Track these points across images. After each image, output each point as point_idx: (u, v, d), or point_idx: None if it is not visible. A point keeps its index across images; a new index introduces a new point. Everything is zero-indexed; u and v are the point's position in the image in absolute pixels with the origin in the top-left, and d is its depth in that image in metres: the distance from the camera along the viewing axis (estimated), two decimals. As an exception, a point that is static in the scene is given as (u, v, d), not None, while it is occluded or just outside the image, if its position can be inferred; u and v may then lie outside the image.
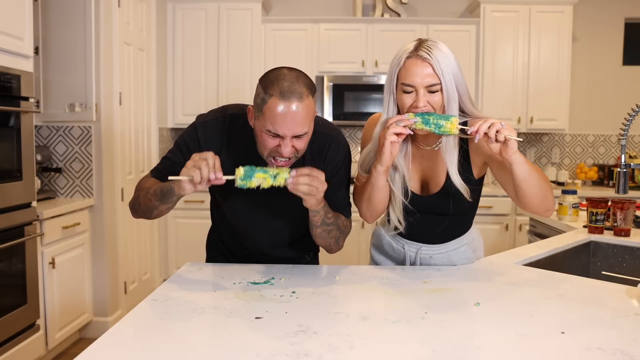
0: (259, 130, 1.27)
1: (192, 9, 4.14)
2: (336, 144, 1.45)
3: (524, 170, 1.27)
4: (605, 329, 1.04)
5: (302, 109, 1.22)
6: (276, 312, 1.12)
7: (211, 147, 1.40)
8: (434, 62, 1.28)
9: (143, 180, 1.46)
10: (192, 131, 1.43)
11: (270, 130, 1.23)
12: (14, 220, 2.36)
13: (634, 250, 1.94)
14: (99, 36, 2.99)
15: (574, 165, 4.61)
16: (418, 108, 1.29)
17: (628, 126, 1.69)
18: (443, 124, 1.25)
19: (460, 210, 1.48)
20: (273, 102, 1.21)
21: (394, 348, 0.95)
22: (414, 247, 1.58)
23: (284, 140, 1.24)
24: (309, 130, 1.28)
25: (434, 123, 1.26)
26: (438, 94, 1.30)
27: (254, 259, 1.57)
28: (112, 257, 3.17)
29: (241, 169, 1.22)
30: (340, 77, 4.17)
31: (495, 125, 1.22)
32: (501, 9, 4.14)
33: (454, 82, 1.30)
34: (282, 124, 1.21)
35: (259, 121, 1.26)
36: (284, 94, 1.20)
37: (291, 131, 1.23)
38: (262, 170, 1.22)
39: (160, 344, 0.97)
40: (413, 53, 1.30)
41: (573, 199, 2.36)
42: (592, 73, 4.53)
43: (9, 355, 2.31)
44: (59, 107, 2.99)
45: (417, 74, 1.28)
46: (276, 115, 1.21)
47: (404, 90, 1.31)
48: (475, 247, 1.62)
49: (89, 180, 3.08)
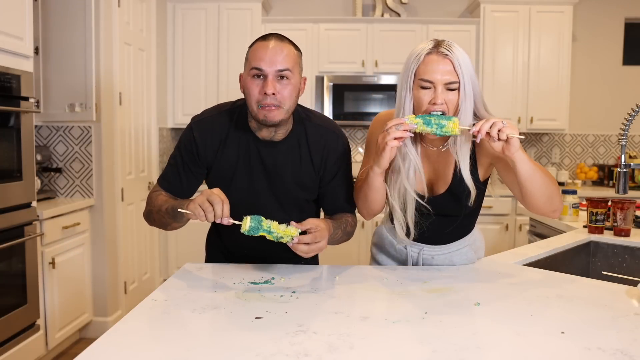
0: (246, 80, 1.35)
1: (192, 9, 4.14)
2: (334, 137, 1.48)
3: (528, 169, 1.27)
4: (605, 329, 1.04)
5: (283, 47, 1.33)
6: (276, 312, 1.12)
7: (208, 144, 1.43)
8: (454, 60, 1.28)
9: (154, 195, 1.48)
10: (188, 132, 1.46)
11: (255, 66, 1.31)
12: (14, 220, 2.36)
13: (634, 250, 1.94)
14: (99, 36, 2.99)
15: (574, 165, 4.61)
16: (436, 105, 1.28)
17: (628, 126, 1.69)
18: (445, 123, 1.25)
19: (466, 212, 1.48)
20: (256, 45, 1.35)
21: (394, 348, 0.95)
22: (416, 248, 1.57)
23: (267, 78, 1.31)
24: (293, 75, 1.35)
25: (435, 123, 1.25)
26: (455, 93, 1.30)
27: (254, 257, 1.57)
28: (112, 257, 3.17)
29: (247, 223, 1.24)
30: (340, 77, 4.17)
31: (497, 124, 1.22)
32: (501, 9, 4.14)
33: (472, 83, 1.31)
34: (263, 56, 1.31)
35: (245, 71, 1.35)
36: (265, 37, 1.35)
37: (272, 64, 1.31)
38: (267, 231, 1.25)
39: (160, 344, 0.97)
40: (433, 49, 1.30)
41: (573, 199, 2.36)
42: (592, 73, 4.53)
43: (9, 355, 2.31)
44: (59, 107, 2.99)
45: (437, 70, 1.28)
46: (257, 52, 1.32)
47: (422, 86, 1.30)
48: (476, 248, 1.62)
49: (89, 180, 3.08)
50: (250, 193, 1.47)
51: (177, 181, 1.48)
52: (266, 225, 1.24)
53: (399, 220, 1.45)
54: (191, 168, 1.46)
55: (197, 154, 1.44)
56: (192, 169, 1.46)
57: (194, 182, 1.49)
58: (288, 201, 1.49)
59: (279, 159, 1.44)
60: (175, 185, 1.48)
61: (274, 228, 1.25)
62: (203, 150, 1.44)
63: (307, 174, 1.47)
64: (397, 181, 1.40)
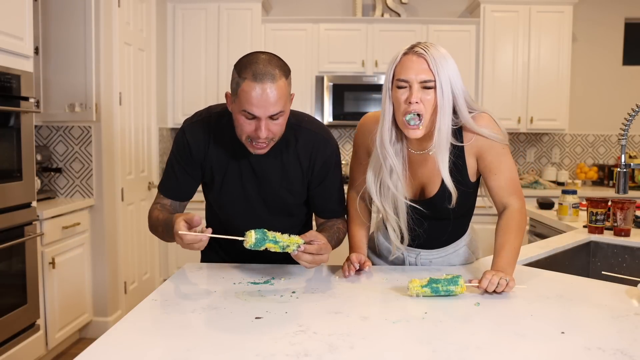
0: (236, 114, 1.31)
1: (192, 9, 4.14)
2: (323, 141, 1.47)
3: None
4: (605, 329, 1.04)
5: (275, 90, 1.26)
6: (276, 312, 1.12)
7: (199, 148, 1.44)
8: (429, 59, 1.28)
9: (152, 208, 1.50)
10: (181, 136, 1.47)
11: (246, 110, 1.27)
12: (14, 220, 2.36)
13: (634, 250, 1.94)
14: (99, 36, 2.99)
15: (574, 165, 4.61)
16: (411, 105, 1.28)
17: (628, 126, 1.69)
18: (453, 289, 1.22)
19: (459, 214, 1.48)
20: (247, 85, 1.25)
21: (394, 348, 0.95)
22: (413, 253, 1.58)
23: (260, 122, 1.28)
24: (285, 111, 1.31)
25: (443, 290, 1.22)
26: (432, 93, 1.29)
27: (249, 257, 1.57)
28: (112, 257, 3.17)
29: (252, 236, 1.22)
30: (340, 77, 4.17)
31: (499, 288, 1.23)
32: (501, 9, 4.14)
33: (450, 83, 1.30)
34: (257, 104, 1.25)
35: (235, 105, 1.31)
36: (256, 76, 1.25)
37: (265, 111, 1.26)
38: (272, 241, 1.24)
39: (160, 344, 0.97)
40: (410, 50, 1.31)
41: (573, 199, 2.36)
42: (592, 73, 4.53)
43: (9, 355, 2.31)
44: (59, 107, 2.99)
45: (411, 69, 1.28)
46: (250, 96, 1.25)
47: (399, 85, 1.31)
48: (474, 248, 1.62)
49: (89, 180, 3.08)
50: (240, 197, 1.48)
51: (174, 184, 1.50)
52: (271, 236, 1.24)
53: (392, 226, 1.45)
54: (187, 170, 1.47)
55: (191, 155, 1.45)
56: (188, 170, 1.48)
57: (191, 184, 1.50)
58: (277, 205, 1.50)
59: (267, 163, 1.44)
60: (174, 188, 1.50)
61: (279, 237, 1.25)
62: (196, 151, 1.45)
63: (296, 178, 1.47)
64: (387, 189, 1.41)
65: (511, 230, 1.35)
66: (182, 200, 1.52)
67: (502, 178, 1.38)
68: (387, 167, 1.39)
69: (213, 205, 1.56)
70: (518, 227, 1.36)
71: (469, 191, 1.44)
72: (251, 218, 1.50)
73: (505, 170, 1.38)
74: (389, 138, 1.37)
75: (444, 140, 1.33)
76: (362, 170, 1.48)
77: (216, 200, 1.53)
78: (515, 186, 1.39)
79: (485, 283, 1.23)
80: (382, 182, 1.41)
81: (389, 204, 1.43)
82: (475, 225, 1.64)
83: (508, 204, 1.39)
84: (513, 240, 1.34)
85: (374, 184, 1.42)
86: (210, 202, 1.58)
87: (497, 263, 1.31)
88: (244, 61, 1.29)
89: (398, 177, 1.39)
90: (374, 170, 1.42)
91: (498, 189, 1.39)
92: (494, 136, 1.36)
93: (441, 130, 1.31)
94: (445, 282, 1.22)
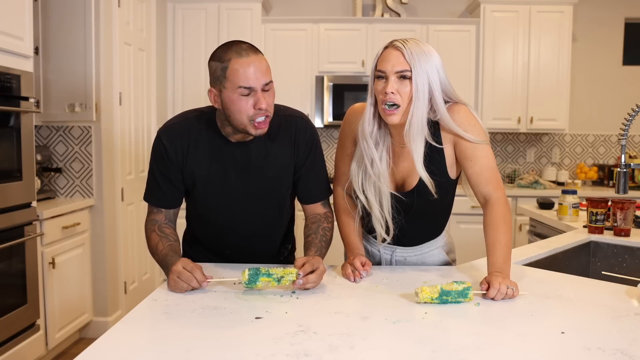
0: (231, 98, 1.32)
1: (192, 9, 4.14)
2: (303, 123, 1.49)
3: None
4: (605, 329, 1.04)
5: (262, 59, 1.33)
6: (276, 312, 1.12)
7: (177, 151, 1.43)
8: (405, 51, 1.33)
9: (148, 227, 1.50)
10: (158, 142, 1.46)
11: (241, 86, 1.29)
12: (14, 220, 2.36)
13: (634, 250, 1.94)
14: (99, 36, 2.99)
15: (574, 165, 4.61)
16: (387, 95, 1.32)
17: (628, 126, 1.69)
18: (461, 300, 1.21)
19: (437, 210, 1.50)
20: (235, 63, 1.29)
21: (394, 348, 0.95)
22: (389, 250, 1.60)
23: (257, 94, 1.31)
24: (273, 83, 1.36)
25: (452, 302, 1.21)
26: (408, 84, 1.33)
27: (236, 257, 1.57)
28: (112, 257, 3.17)
29: (246, 274, 1.24)
30: (340, 77, 4.17)
31: (508, 296, 1.23)
32: (501, 9, 4.14)
33: (428, 76, 1.33)
34: (250, 76, 1.29)
35: (227, 90, 1.32)
36: (241, 52, 1.30)
37: (259, 81, 1.30)
38: (266, 275, 1.24)
39: (160, 344, 0.97)
40: (389, 44, 1.37)
41: (573, 199, 2.36)
42: (592, 73, 4.53)
43: (9, 355, 2.31)
44: (59, 107, 2.99)
45: (389, 61, 1.34)
46: (242, 71, 1.29)
47: (377, 76, 1.36)
48: (448, 250, 1.64)
49: (89, 180, 3.08)
50: (226, 195, 1.47)
51: (159, 193, 1.48)
52: (264, 270, 1.25)
53: (377, 219, 1.46)
54: (168, 177, 1.45)
55: (169, 160, 1.43)
56: (170, 177, 1.45)
57: (175, 192, 1.48)
58: (265, 198, 1.49)
59: (252, 156, 1.44)
60: (159, 197, 1.48)
61: (273, 270, 1.25)
62: (174, 155, 1.43)
63: (282, 163, 1.47)
64: (371, 179, 1.44)
65: (499, 226, 1.35)
66: (170, 207, 1.50)
67: (479, 165, 1.38)
68: (368, 158, 1.42)
69: (199, 207, 1.53)
70: (504, 221, 1.35)
71: (446, 184, 1.44)
72: (239, 216, 1.50)
73: (482, 156, 1.38)
74: (370, 130, 1.41)
75: (417, 130, 1.35)
76: (347, 161, 1.50)
77: (202, 202, 1.50)
78: (493, 174, 1.39)
79: (494, 293, 1.22)
80: (365, 171, 1.44)
81: (372, 194, 1.44)
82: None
83: (488, 194, 1.39)
84: (503, 236, 1.34)
85: (357, 175, 1.46)
86: (195, 206, 1.54)
87: (494, 263, 1.31)
88: (219, 51, 1.34)
89: (379, 168, 1.42)
90: (357, 161, 1.46)
91: (476, 175, 1.39)
92: (469, 137, 1.36)
93: (413, 121, 1.34)
94: (456, 295, 1.20)
